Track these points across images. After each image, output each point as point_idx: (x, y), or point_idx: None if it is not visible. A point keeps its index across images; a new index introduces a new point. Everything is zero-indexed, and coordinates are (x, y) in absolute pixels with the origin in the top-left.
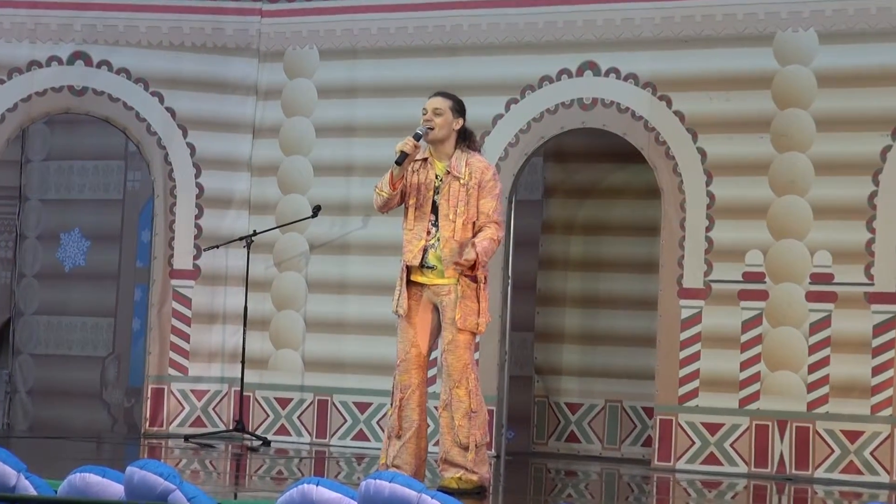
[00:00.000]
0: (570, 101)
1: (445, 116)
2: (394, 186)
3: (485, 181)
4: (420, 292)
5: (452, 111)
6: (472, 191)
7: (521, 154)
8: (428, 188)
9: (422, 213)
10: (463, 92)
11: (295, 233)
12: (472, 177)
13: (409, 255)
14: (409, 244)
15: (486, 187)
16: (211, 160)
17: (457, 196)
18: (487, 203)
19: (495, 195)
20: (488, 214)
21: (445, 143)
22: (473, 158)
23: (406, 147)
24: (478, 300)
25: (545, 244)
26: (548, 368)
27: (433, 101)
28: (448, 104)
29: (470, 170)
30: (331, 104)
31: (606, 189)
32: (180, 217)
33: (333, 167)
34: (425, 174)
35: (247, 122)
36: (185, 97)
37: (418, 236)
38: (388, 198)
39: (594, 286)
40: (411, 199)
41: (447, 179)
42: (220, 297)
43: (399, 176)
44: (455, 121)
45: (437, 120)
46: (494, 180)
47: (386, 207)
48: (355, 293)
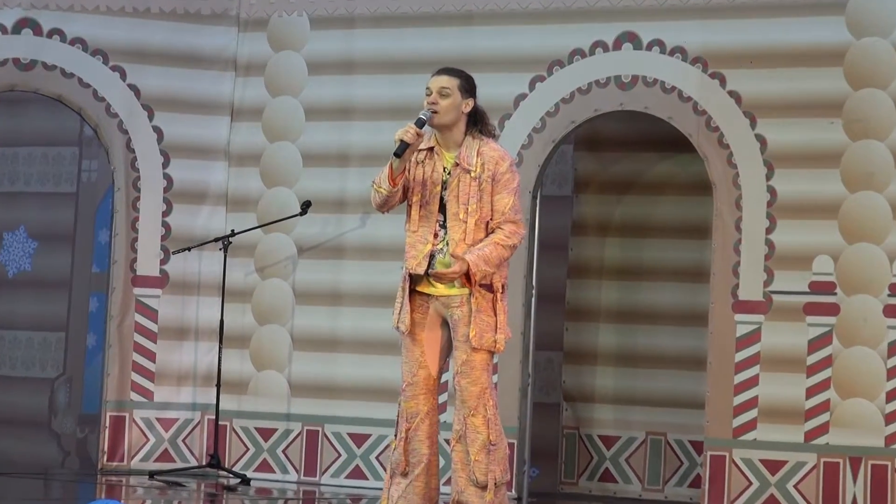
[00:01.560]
0: (606, 79)
1: (453, 98)
2: (394, 182)
3: (500, 173)
4: (426, 304)
5: (461, 91)
6: (486, 185)
7: (548, 141)
8: (434, 183)
9: (427, 213)
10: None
11: (280, 233)
12: (486, 168)
13: (412, 261)
14: (413, 249)
15: (501, 181)
16: (181, 147)
17: (468, 192)
18: (503, 199)
19: (512, 189)
20: (504, 212)
21: (453, 129)
22: (486, 147)
23: (407, 136)
24: (495, 313)
25: (576, 248)
26: (578, 394)
27: (438, 80)
28: (456, 83)
29: (482, 160)
30: (323, 82)
31: (648, 183)
32: (145, 214)
33: (326, 156)
34: (431, 167)
35: (224, 102)
36: (151, 72)
37: (423, 239)
38: (388, 195)
39: (633, 297)
40: (415, 195)
41: (456, 172)
42: (191, 309)
43: (400, 169)
44: (464, 102)
45: (443, 102)
46: (511, 172)
47: (386, 206)
48: (351, 305)
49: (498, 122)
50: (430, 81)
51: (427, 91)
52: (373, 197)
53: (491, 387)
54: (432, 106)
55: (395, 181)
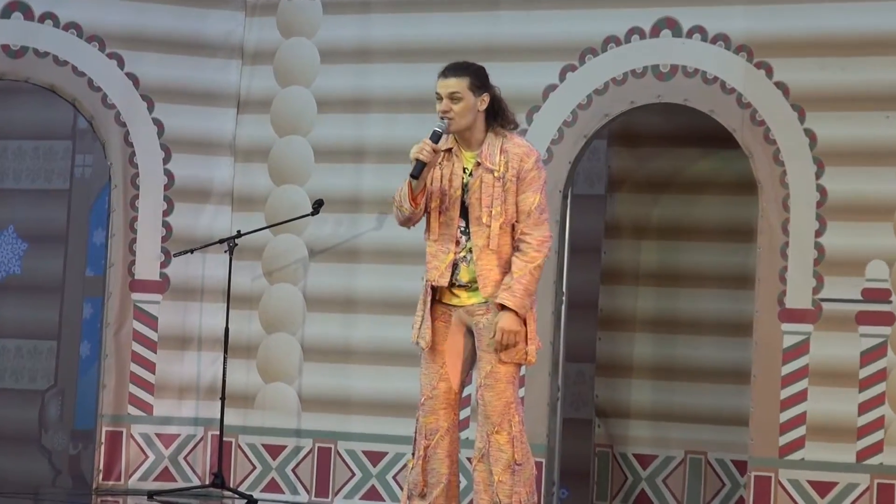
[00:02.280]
0: (643, 69)
1: (465, 100)
2: (415, 202)
3: (525, 170)
4: (449, 312)
5: (472, 89)
6: (510, 184)
7: (580, 136)
8: (454, 186)
9: (448, 219)
10: (505, 56)
11: (290, 234)
12: (510, 166)
13: (433, 272)
14: (434, 259)
15: (526, 178)
16: (184, 141)
17: (490, 193)
18: (528, 198)
19: (538, 188)
20: (529, 212)
21: (473, 128)
22: (510, 143)
23: (423, 154)
24: (524, 322)
25: (609, 251)
26: (612, 410)
27: (445, 84)
28: (465, 82)
29: (506, 157)
30: (337, 71)
31: (688, 181)
32: (144, 213)
33: (340, 151)
34: (450, 169)
35: (229, 92)
36: (151, 60)
37: (445, 248)
38: (410, 215)
39: (672, 305)
40: (434, 200)
41: (478, 173)
42: (194, 316)
43: (420, 188)
44: (479, 100)
45: (456, 107)
46: (537, 169)
47: (410, 223)
48: (367, 312)
49: (525, 116)
50: (438, 85)
51: (437, 97)
52: (395, 214)
53: (517, 401)
54: (446, 115)
55: (417, 201)
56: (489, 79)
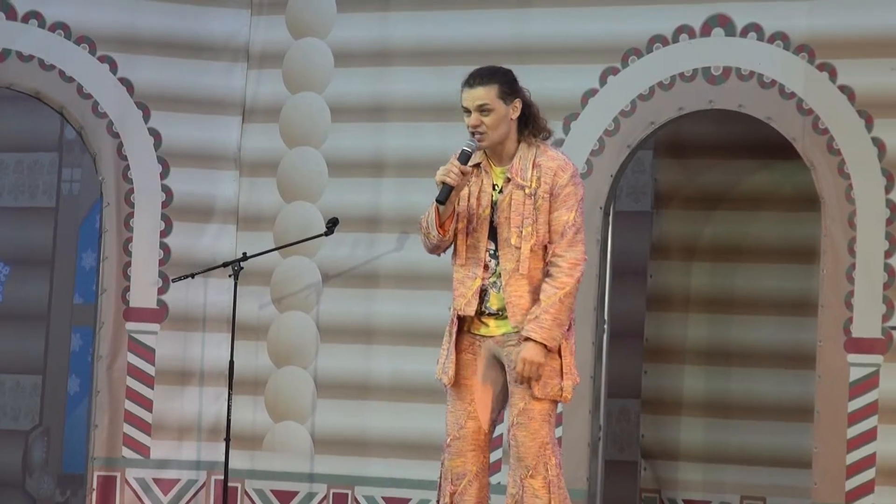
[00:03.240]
0: (693, 72)
1: (496, 111)
2: (443, 229)
3: (559, 186)
4: (478, 343)
5: (502, 98)
6: (543, 202)
7: (623, 146)
8: (483, 205)
9: (476, 241)
10: (539, 58)
11: (302, 256)
12: (542, 182)
13: (460, 300)
14: (461, 286)
15: (560, 195)
16: (183, 153)
17: (521, 211)
18: (562, 216)
19: (572, 205)
20: (562, 232)
21: (506, 140)
22: (544, 156)
23: (450, 177)
24: (560, 354)
25: (656, 274)
26: (660, 451)
27: (472, 95)
28: (494, 91)
29: (539, 172)
30: (353, 75)
31: (743, 196)
32: (139, 234)
33: (356, 164)
34: (478, 186)
35: (234, 99)
36: (147, 64)
37: (472, 274)
38: (439, 243)
39: (725, 334)
40: (461, 221)
41: (508, 189)
42: (195, 348)
43: (448, 213)
44: (510, 108)
45: (488, 120)
46: (573, 184)
47: (438, 251)
48: (387, 343)
49: (562, 124)
50: (464, 97)
51: (464, 110)
52: (422, 242)
53: (553, 442)
54: (476, 129)
55: (445, 227)
56: (517, 81)
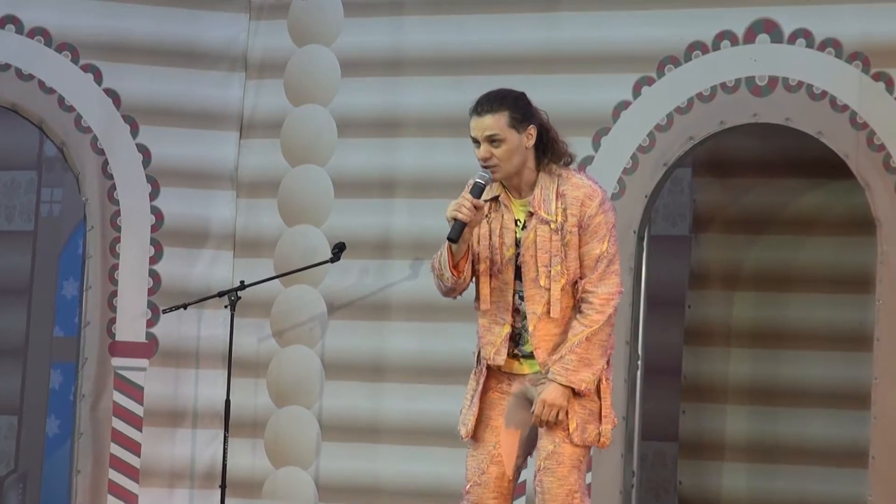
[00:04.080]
0: (735, 82)
1: (507, 141)
2: (457, 270)
3: (588, 217)
4: (508, 381)
5: (514, 126)
6: (572, 237)
7: (658, 164)
8: (507, 244)
9: (502, 283)
10: (567, 67)
11: (305, 285)
12: (568, 214)
13: (489, 349)
14: (489, 333)
15: (590, 226)
16: (175, 171)
17: (548, 248)
18: (593, 249)
19: (605, 234)
20: (594, 265)
21: (522, 171)
22: (567, 184)
23: (462, 213)
24: (599, 395)
25: (695, 304)
26: (700, 498)
27: (481, 125)
28: (503, 119)
29: (564, 203)
30: (361, 85)
31: (791, 219)
32: (126, 260)
33: (365, 183)
34: (499, 223)
35: (231, 112)
36: (135, 73)
37: (500, 319)
38: (454, 285)
39: (771, 371)
40: (482, 263)
41: (532, 225)
42: (188, 386)
43: (462, 253)
44: (524, 136)
45: (499, 152)
46: (603, 212)
47: (454, 293)
48: (399, 380)
49: (592, 140)
50: (472, 126)
51: (473, 141)
52: (435, 284)
53: (582, 490)
54: (488, 163)
55: (460, 268)
56: (531, 105)
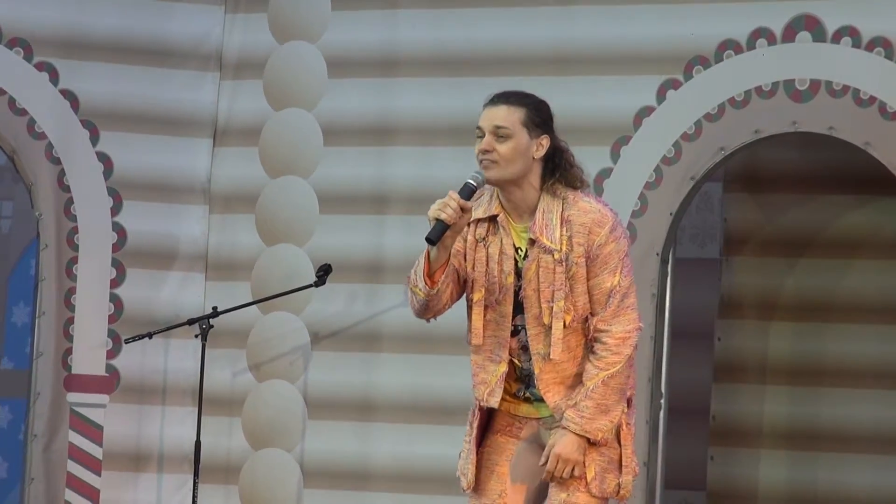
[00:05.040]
0: (773, 86)
1: (515, 139)
2: (432, 281)
3: (596, 246)
4: (517, 424)
5: (528, 126)
6: (578, 268)
7: (685, 178)
8: (506, 272)
9: (498, 316)
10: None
11: (286, 312)
12: (574, 243)
13: (481, 389)
14: (482, 371)
15: (599, 256)
16: (140, 183)
17: (551, 282)
18: (603, 282)
19: (615, 266)
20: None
21: (523, 184)
22: (573, 208)
23: (444, 213)
24: (619, 442)
25: (726, 336)
26: None
27: (491, 114)
28: (518, 114)
29: (569, 231)
30: (351, 87)
31: (835, 240)
32: (85, 283)
33: (354, 197)
34: (497, 247)
35: (203, 116)
36: (95, 73)
37: (494, 357)
38: (427, 298)
39: (812, 412)
40: (476, 292)
41: (534, 253)
42: (153, 425)
43: (441, 261)
44: (535, 143)
45: (502, 148)
46: (614, 239)
47: (428, 313)
48: (389, 419)
49: (610, 150)
50: (482, 116)
51: (477, 133)
52: (409, 301)
53: None
54: (486, 156)
55: (435, 278)
56: (552, 117)
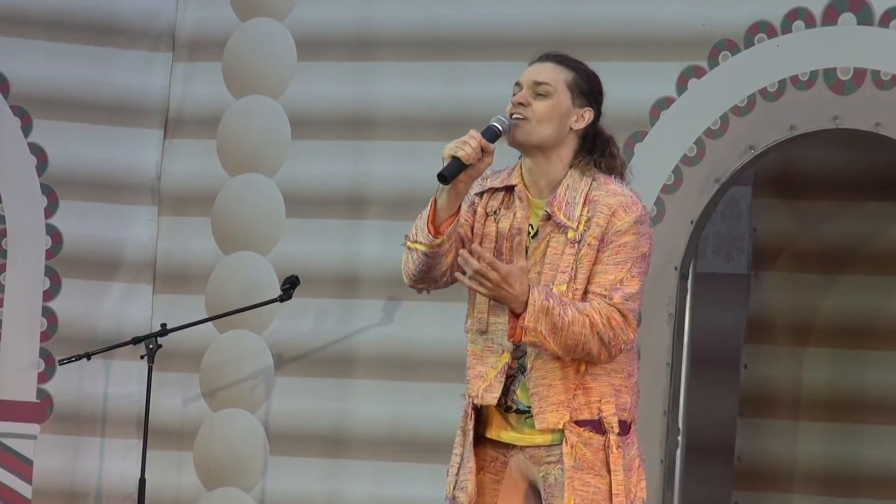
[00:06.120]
0: (811, 76)
1: (556, 100)
2: (436, 230)
3: (614, 230)
4: (503, 459)
5: (572, 91)
6: (589, 250)
7: (709, 180)
8: (516, 249)
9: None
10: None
11: (246, 331)
12: (593, 223)
13: (477, 383)
14: (479, 362)
15: (613, 242)
16: (79, 180)
17: (556, 262)
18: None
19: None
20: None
21: (551, 155)
22: (603, 189)
23: (464, 151)
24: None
25: (754, 363)
26: None
27: (536, 69)
28: (566, 76)
29: (592, 210)
30: (323, 71)
31: (880, 254)
32: (13, 295)
33: (326, 199)
34: (509, 221)
35: (153, 104)
36: (28, 53)
37: (496, 346)
38: (429, 254)
39: (852, 452)
40: None
41: (545, 231)
42: (90, 460)
43: (450, 209)
44: (577, 113)
45: (538, 105)
46: (636, 233)
47: (425, 278)
48: (364, 455)
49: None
50: (526, 72)
51: (516, 87)
52: (404, 262)
53: None
54: (517, 109)
55: (440, 229)
56: (602, 98)
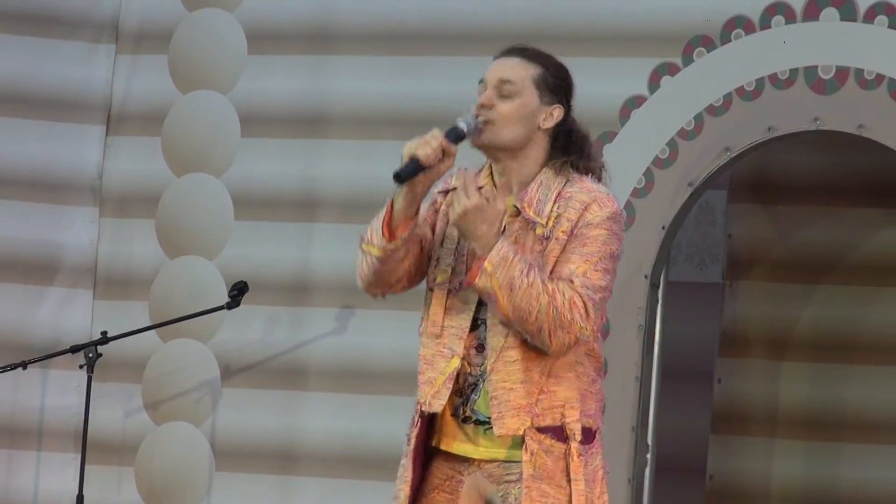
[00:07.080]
0: (790, 74)
1: (522, 98)
2: (391, 233)
3: (585, 222)
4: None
5: (540, 88)
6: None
7: (682, 184)
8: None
9: (460, 304)
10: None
11: (191, 340)
12: (563, 219)
13: (426, 389)
14: (430, 367)
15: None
16: (13, 179)
17: None
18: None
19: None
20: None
21: (520, 156)
22: (576, 186)
23: (423, 150)
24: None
25: (728, 377)
26: None
27: (500, 65)
28: (531, 71)
29: (563, 207)
30: (275, 65)
31: (861, 263)
32: None
33: (277, 200)
34: None
35: (94, 99)
36: None
37: (448, 350)
38: (382, 257)
39: (831, 472)
40: (441, 272)
41: (512, 228)
42: (25, 475)
43: (408, 212)
44: (546, 111)
45: (503, 106)
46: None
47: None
48: (316, 472)
49: None
50: (490, 67)
51: (480, 84)
52: (358, 265)
53: None
54: (481, 112)
55: (395, 232)
56: (572, 92)
